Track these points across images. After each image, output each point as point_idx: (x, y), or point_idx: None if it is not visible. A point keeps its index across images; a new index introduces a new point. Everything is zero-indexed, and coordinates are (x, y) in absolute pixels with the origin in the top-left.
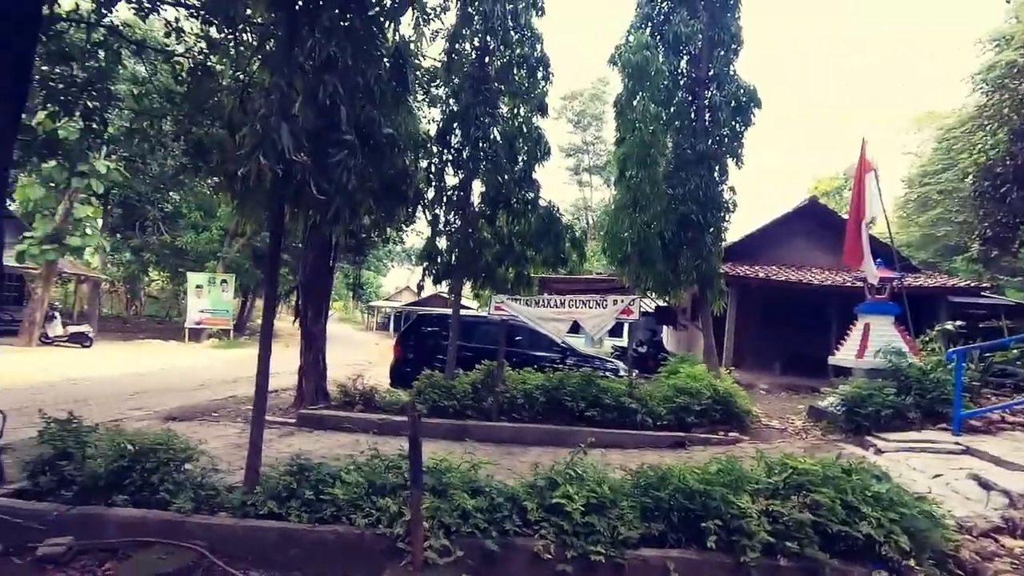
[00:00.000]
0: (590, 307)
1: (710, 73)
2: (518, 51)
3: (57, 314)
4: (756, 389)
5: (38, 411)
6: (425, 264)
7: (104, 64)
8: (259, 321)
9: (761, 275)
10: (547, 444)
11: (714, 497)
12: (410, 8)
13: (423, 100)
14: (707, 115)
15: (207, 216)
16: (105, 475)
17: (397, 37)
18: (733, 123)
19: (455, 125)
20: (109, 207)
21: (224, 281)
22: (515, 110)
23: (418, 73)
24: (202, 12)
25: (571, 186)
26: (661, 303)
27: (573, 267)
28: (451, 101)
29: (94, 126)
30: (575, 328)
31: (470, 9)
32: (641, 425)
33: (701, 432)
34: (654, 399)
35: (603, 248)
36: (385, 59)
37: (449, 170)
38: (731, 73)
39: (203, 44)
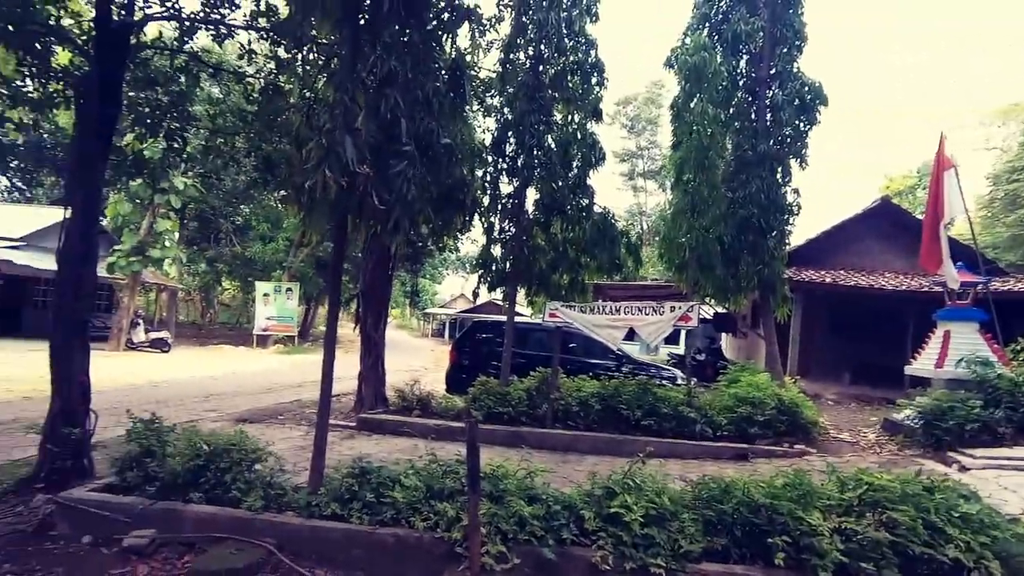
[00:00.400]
0: (646, 314)
1: (772, 71)
2: (572, 58)
3: (141, 321)
4: (823, 400)
5: (125, 411)
6: (480, 271)
7: (184, 87)
8: (322, 328)
9: (828, 280)
10: (602, 453)
11: (781, 512)
12: (466, 21)
13: (478, 110)
14: (768, 115)
15: (274, 228)
16: (183, 473)
17: (454, 50)
18: (797, 122)
19: (510, 134)
20: (186, 220)
21: (289, 289)
22: (569, 117)
23: (474, 84)
24: (272, 34)
25: (625, 192)
26: (720, 310)
27: (628, 273)
28: (506, 110)
29: (175, 145)
30: (630, 335)
31: (524, 19)
32: (700, 435)
33: (765, 444)
34: (714, 408)
35: (659, 253)
36: (443, 71)
37: (504, 178)
38: (794, 70)
39: (272, 64)
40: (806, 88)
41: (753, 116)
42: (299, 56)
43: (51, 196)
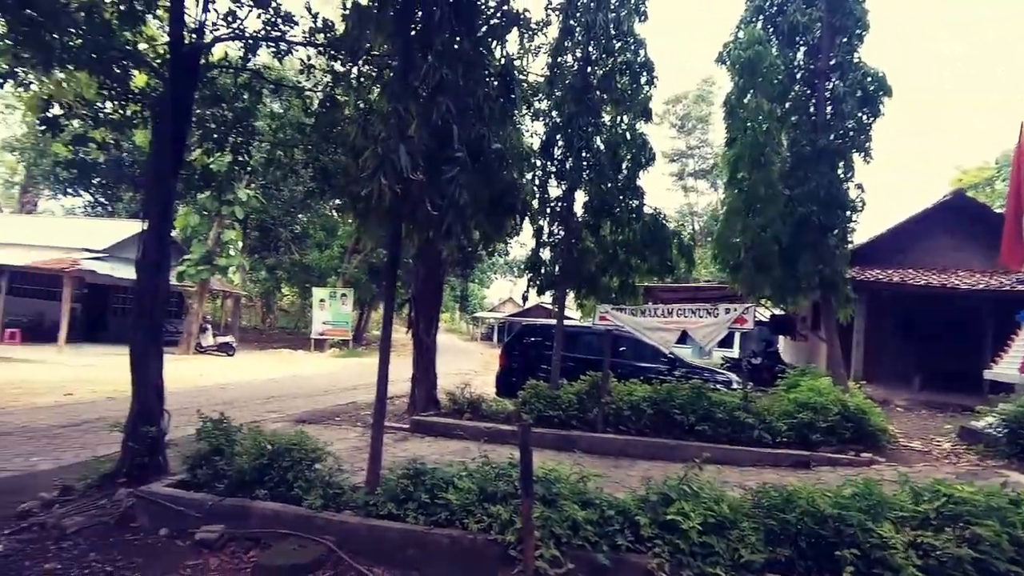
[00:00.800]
0: (700, 316)
1: (831, 63)
2: (621, 58)
3: (208, 326)
4: (891, 406)
5: (196, 412)
6: (529, 275)
7: (248, 104)
8: (375, 332)
9: (896, 279)
10: (655, 458)
11: (850, 523)
12: (515, 26)
13: (526, 114)
14: (828, 108)
15: (329, 235)
16: (249, 471)
17: (503, 55)
18: (860, 114)
19: (558, 136)
20: (248, 230)
21: (344, 295)
22: (618, 118)
23: (522, 88)
24: (329, 49)
25: (675, 192)
26: (777, 311)
27: (680, 275)
28: (554, 113)
29: (240, 159)
30: (682, 338)
31: (572, 21)
32: (758, 441)
33: (828, 451)
34: (772, 414)
35: (713, 254)
36: (492, 77)
37: (552, 181)
38: (855, 61)
39: (329, 78)
40: (869, 78)
41: (812, 110)
42: (354, 69)
43: (129, 210)
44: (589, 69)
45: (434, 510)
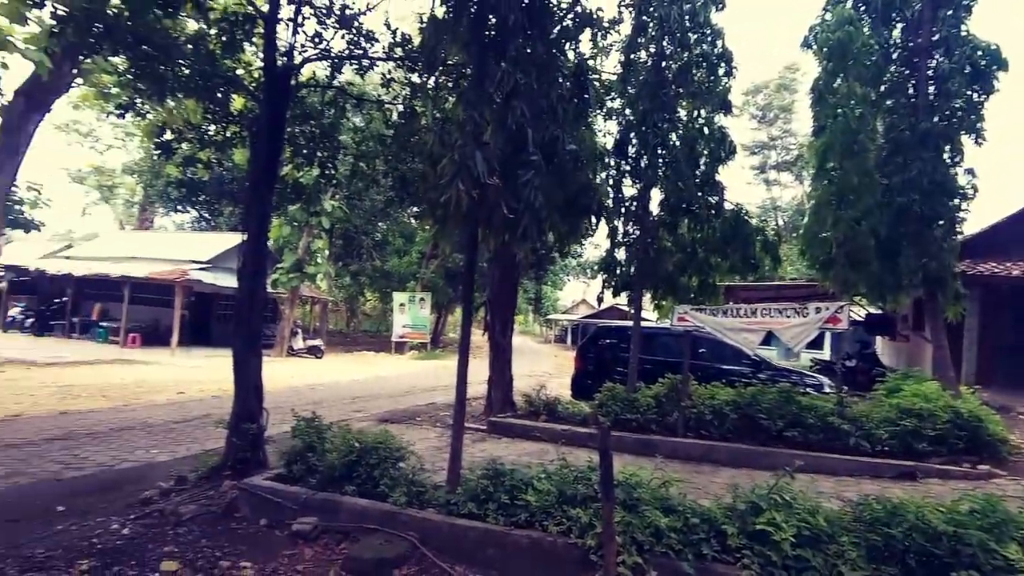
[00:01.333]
0: (787, 316)
1: (933, 39)
2: (697, 51)
3: (299, 330)
4: (1012, 413)
5: (291, 410)
6: (604, 276)
7: (333, 119)
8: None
9: (1016, 273)
10: (739, 465)
11: (968, 542)
12: (588, 27)
13: (598, 114)
14: (930, 88)
15: (408, 242)
16: (339, 467)
17: (576, 56)
18: (969, 92)
19: (632, 135)
20: (333, 239)
21: (422, 299)
22: (695, 112)
23: (595, 87)
24: (407, 62)
25: (756, 186)
26: (873, 310)
27: (764, 273)
28: (627, 111)
29: (327, 172)
30: (767, 339)
31: (645, 17)
32: (855, 450)
33: (937, 462)
34: (871, 420)
35: (801, 250)
36: (566, 79)
37: (626, 180)
38: (963, 34)
39: (407, 90)
40: (979, 52)
41: (911, 91)
42: (431, 80)
43: (229, 223)
44: (663, 64)
45: (513, 511)
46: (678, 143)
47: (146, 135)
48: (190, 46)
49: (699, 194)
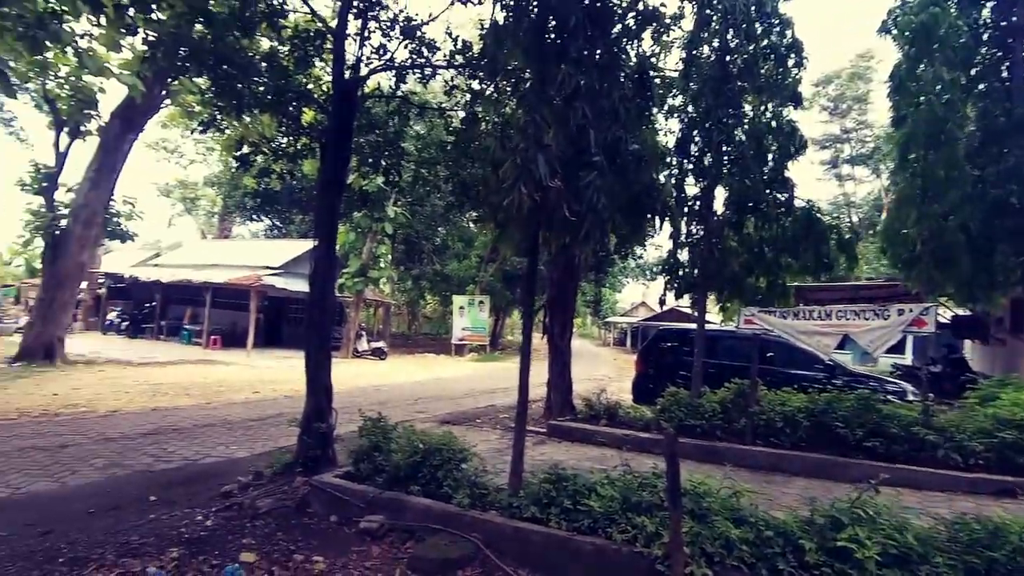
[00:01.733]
0: (866, 318)
1: None
2: (764, 42)
3: (363, 333)
4: None
5: (358, 411)
6: (667, 278)
7: (397, 127)
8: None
9: None
10: (812, 476)
11: None
12: (650, 24)
13: (659, 112)
14: None
15: (467, 246)
16: (404, 467)
17: (638, 54)
18: None
19: (695, 132)
20: (395, 244)
21: (481, 302)
22: (761, 106)
23: (657, 85)
24: (467, 69)
25: (827, 182)
26: (962, 312)
27: (838, 273)
28: (689, 108)
29: (391, 179)
30: (843, 343)
31: (708, 10)
32: (944, 463)
33: None
34: (963, 431)
35: (880, 248)
36: (628, 78)
37: (689, 179)
38: None
39: (467, 96)
40: None
41: (1005, 74)
42: (492, 85)
43: (299, 231)
44: (728, 58)
45: (576, 516)
46: (744, 139)
47: (225, 150)
48: (265, 64)
49: (767, 191)
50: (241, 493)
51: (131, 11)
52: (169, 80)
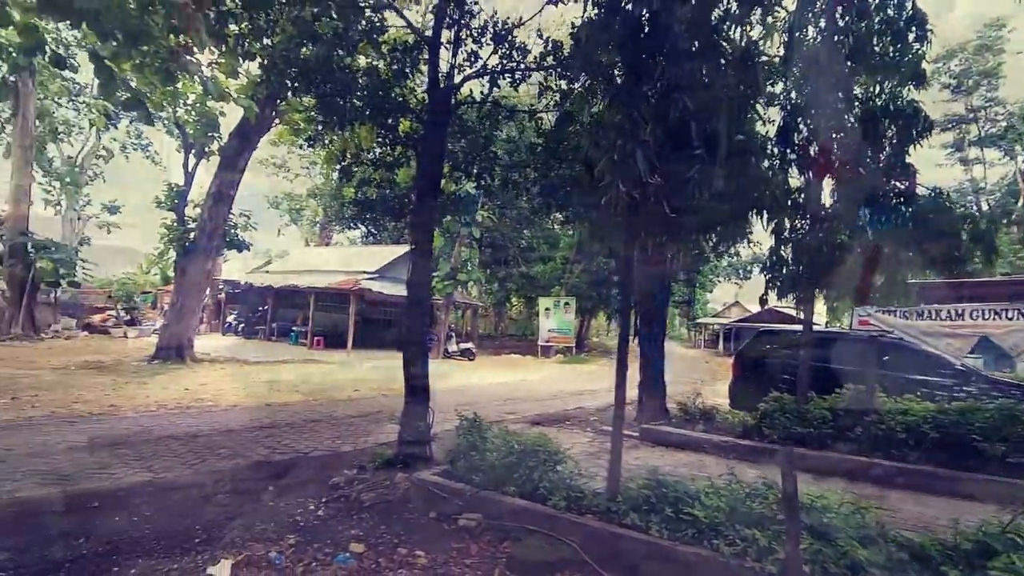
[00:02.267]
0: (1008, 317)
1: None
2: (878, 17)
3: (453, 334)
4: None
5: (454, 410)
6: (768, 276)
7: (488, 132)
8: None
9: None
10: (942, 493)
11: None
12: (755, 6)
13: (760, 101)
14: None
15: (552, 248)
16: (500, 467)
17: (742, 39)
18: None
19: (799, 120)
20: (482, 247)
21: (567, 303)
22: (875, 87)
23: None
24: (558, 69)
25: (950, 166)
26: None
27: (969, 268)
28: (792, 95)
29: (483, 184)
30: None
31: None
32: None
33: None
34: None
35: (1022, 239)
36: (729, 66)
37: (793, 170)
38: None
39: (557, 96)
40: None
41: None
42: (584, 83)
43: (392, 237)
44: (837, 38)
45: (679, 525)
46: (855, 124)
47: (326, 163)
48: (365, 78)
49: (884, 180)
50: (347, 486)
51: (248, 39)
52: (278, 101)
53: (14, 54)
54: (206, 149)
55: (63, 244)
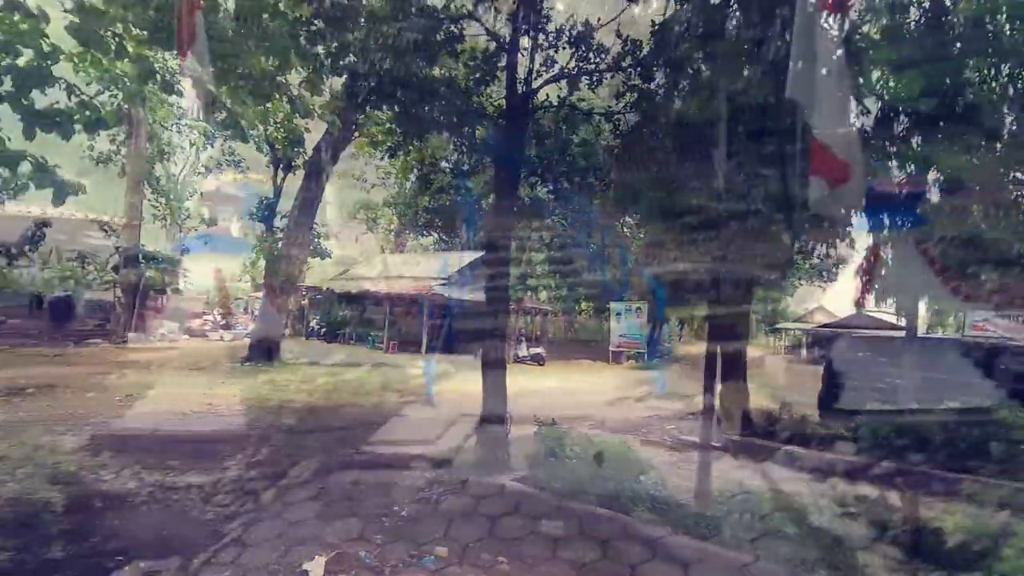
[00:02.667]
0: None
1: None
2: None
3: (523, 339)
4: None
5: (533, 416)
6: (864, 279)
7: (565, 136)
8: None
9: None
10: None
11: None
12: None
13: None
14: None
15: (623, 252)
16: (580, 475)
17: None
18: None
19: (900, 109)
20: (551, 251)
21: (638, 308)
22: (989, 70)
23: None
24: (638, 69)
25: None
26: None
27: None
28: (890, 83)
29: (559, 187)
30: None
31: None
32: None
33: None
34: None
35: None
36: (827, 51)
37: (892, 163)
38: None
39: (635, 97)
40: None
41: None
42: (664, 81)
43: (463, 243)
44: (943, 19)
45: (775, 546)
46: (965, 112)
47: (402, 171)
48: (444, 87)
49: (1001, 171)
50: (429, 488)
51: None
52: (358, 115)
53: (129, 84)
54: (293, 163)
55: (167, 254)
